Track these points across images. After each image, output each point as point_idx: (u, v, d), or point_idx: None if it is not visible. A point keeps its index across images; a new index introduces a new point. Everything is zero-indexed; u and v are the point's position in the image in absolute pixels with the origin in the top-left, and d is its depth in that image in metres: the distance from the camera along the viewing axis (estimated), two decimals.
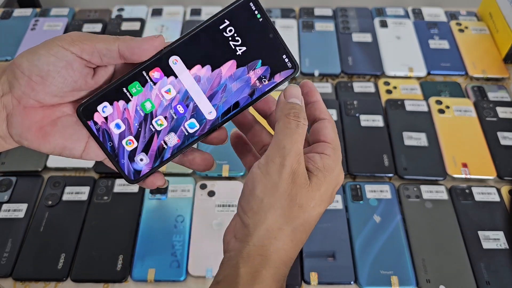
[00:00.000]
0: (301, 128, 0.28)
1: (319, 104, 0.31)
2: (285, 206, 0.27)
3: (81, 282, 0.50)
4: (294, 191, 0.27)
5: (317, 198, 0.27)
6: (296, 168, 0.27)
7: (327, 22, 0.79)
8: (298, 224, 0.27)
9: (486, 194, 0.57)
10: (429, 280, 0.50)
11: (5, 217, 0.55)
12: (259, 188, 0.27)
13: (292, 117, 0.28)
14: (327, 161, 0.28)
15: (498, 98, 0.68)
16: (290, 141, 0.27)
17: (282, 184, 0.27)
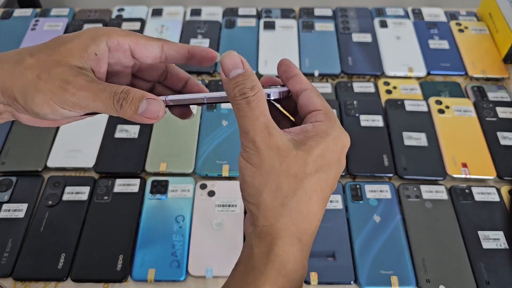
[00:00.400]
0: (253, 101, 0.26)
1: (299, 77, 0.30)
2: (278, 182, 0.26)
3: (81, 282, 0.50)
4: (284, 164, 0.26)
5: (311, 164, 0.26)
6: (273, 142, 0.26)
7: (327, 22, 0.79)
8: (302, 194, 0.26)
9: (486, 194, 0.57)
10: (429, 280, 0.50)
11: (5, 217, 0.55)
12: (247, 174, 0.27)
13: (239, 97, 0.26)
14: (319, 127, 0.27)
15: (498, 98, 0.68)
16: (249, 122, 0.26)
17: (264, 163, 0.26)
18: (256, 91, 0.26)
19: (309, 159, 0.26)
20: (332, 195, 0.56)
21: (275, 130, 0.26)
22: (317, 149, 0.27)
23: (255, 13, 0.81)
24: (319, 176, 0.27)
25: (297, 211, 0.26)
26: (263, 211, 0.26)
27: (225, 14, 0.81)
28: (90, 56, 0.27)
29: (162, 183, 0.57)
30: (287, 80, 0.30)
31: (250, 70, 0.27)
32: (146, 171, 0.59)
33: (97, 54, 0.28)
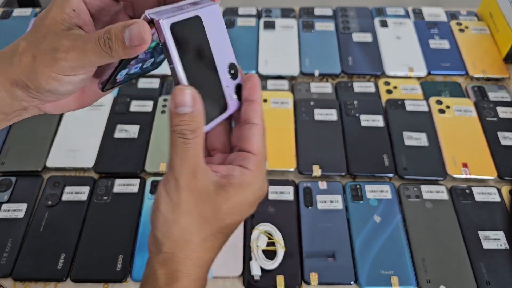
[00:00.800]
0: (190, 144, 0.26)
1: (255, 105, 0.29)
2: (188, 221, 0.27)
3: (81, 282, 0.50)
4: (199, 207, 0.27)
5: (225, 212, 0.28)
6: (195, 186, 0.27)
7: (327, 22, 0.78)
8: (207, 235, 0.28)
9: (486, 194, 0.57)
10: (429, 280, 0.50)
11: (5, 217, 0.54)
12: (162, 205, 0.28)
13: (178, 134, 0.26)
14: (246, 178, 0.28)
15: (498, 98, 0.68)
16: (179, 161, 0.26)
17: (181, 203, 0.27)
18: (196, 135, 0.26)
19: (224, 207, 0.28)
20: (332, 195, 0.56)
21: (200, 174, 0.27)
22: (236, 198, 0.28)
23: (255, 13, 0.81)
24: (229, 221, 0.29)
25: (200, 248, 0.28)
26: (168, 241, 0.28)
27: (225, 13, 0.81)
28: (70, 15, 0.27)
29: None
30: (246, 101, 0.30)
31: (199, 111, 0.26)
32: (146, 171, 0.59)
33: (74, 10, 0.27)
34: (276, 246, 0.51)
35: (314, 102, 0.66)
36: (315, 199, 0.56)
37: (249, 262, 0.50)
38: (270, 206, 0.55)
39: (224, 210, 0.28)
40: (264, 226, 0.53)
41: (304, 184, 0.57)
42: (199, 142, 0.27)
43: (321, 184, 0.57)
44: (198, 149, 0.27)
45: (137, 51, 0.25)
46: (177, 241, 0.28)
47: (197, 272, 0.29)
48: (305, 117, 0.64)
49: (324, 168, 0.59)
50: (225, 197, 0.27)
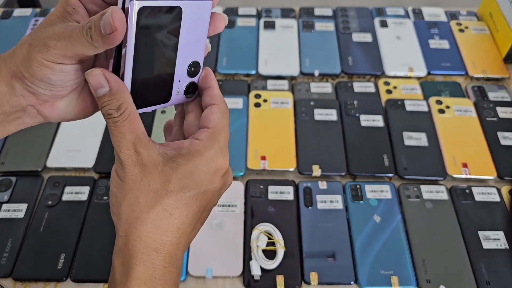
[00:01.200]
0: (119, 121, 0.26)
1: (212, 90, 0.30)
2: (136, 195, 0.27)
3: (81, 282, 0.50)
4: (146, 179, 0.27)
5: (174, 182, 0.27)
6: (138, 159, 0.27)
7: (327, 22, 0.79)
8: (159, 209, 0.27)
9: (486, 194, 0.57)
10: (429, 280, 0.50)
11: (5, 217, 0.54)
12: (113, 185, 0.28)
13: (106, 116, 0.27)
14: (195, 147, 0.27)
15: (498, 98, 0.68)
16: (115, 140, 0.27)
17: (127, 178, 0.27)
18: (122, 110, 0.26)
19: (173, 177, 0.27)
20: (332, 195, 0.56)
21: (142, 148, 0.27)
22: (185, 167, 0.27)
23: (255, 13, 0.81)
24: (183, 194, 0.27)
25: (153, 225, 0.27)
26: (121, 222, 0.27)
27: (225, 13, 0.81)
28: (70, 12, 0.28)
29: None
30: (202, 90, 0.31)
31: (117, 87, 0.26)
32: None
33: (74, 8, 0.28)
34: (276, 246, 0.52)
35: (314, 102, 0.66)
36: (315, 199, 0.56)
37: (249, 262, 0.50)
38: (270, 206, 0.55)
39: (174, 180, 0.27)
40: (264, 226, 0.53)
41: (304, 184, 0.57)
42: (129, 116, 0.27)
43: (321, 184, 0.57)
44: (131, 125, 0.27)
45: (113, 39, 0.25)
46: (129, 219, 0.27)
47: (154, 258, 0.27)
48: (305, 117, 0.64)
49: (324, 168, 0.59)
50: (173, 167, 0.27)
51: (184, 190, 0.27)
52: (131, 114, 0.27)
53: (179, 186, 0.27)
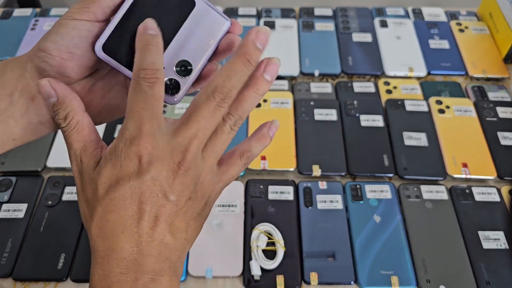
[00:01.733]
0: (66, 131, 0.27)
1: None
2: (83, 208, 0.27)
3: (81, 282, 0.50)
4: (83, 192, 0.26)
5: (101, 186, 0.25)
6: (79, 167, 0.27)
7: (327, 22, 0.79)
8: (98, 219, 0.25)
9: (486, 194, 0.57)
10: (429, 280, 0.50)
11: (5, 217, 0.54)
12: None
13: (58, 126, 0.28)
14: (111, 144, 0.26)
15: (498, 98, 0.68)
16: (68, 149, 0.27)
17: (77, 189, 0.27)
18: (69, 120, 0.27)
19: (99, 182, 0.25)
20: (332, 195, 0.56)
21: (85, 157, 0.26)
22: (105, 168, 0.25)
23: (255, 13, 0.81)
24: (111, 195, 0.25)
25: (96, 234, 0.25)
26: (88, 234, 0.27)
27: (225, 13, 0.81)
28: None
29: None
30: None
31: (63, 96, 0.27)
32: None
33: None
34: (276, 246, 0.52)
35: (314, 102, 0.66)
36: (315, 199, 0.56)
37: (249, 262, 0.50)
38: (270, 206, 0.55)
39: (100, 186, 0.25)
40: (264, 226, 0.53)
41: (304, 184, 0.57)
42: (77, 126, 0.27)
43: (321, 184, 0.57)
44: (78, 134, 0.27)
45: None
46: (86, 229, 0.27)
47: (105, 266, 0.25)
48: (305, 117, 0.64)
49: (324, 168, 0.59)
50: (97, 171, 0.26)
51: (109, 192, 0.25)
52: (79, 123, 0.27)
53: (104, 190, 0.25)
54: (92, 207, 0.26)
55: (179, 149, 0.25)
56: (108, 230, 0.25)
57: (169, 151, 0.25)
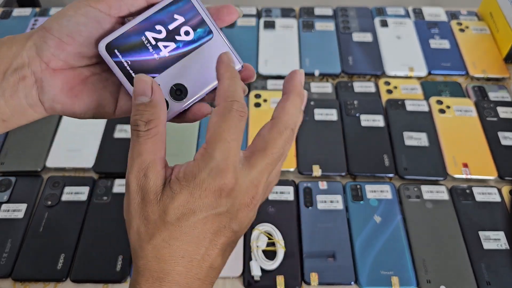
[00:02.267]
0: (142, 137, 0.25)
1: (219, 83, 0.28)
2: (139, 225, 0.26)
3: (80, 282, 0.50)
4: (145, 209, 0.25)
5: (172, 212, 0.25)
6: (143, 184, 0.25)
7: (327, 22, 0.78)
8: (159, 241, 0.25)
9: (486, 194, 0.56)
10: (430, 280, 0.50)
11: (5, 217, 0.54)
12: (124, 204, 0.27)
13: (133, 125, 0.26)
14: (188, 169, 0.25)
15: (498, 98, 0.68)
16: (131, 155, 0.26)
17: (131, 204, 0.26)
18: (151, 127, 0.25)
19: (170, 207, 0.25)
20: (332, 195, 0.56)
21: (152, 173, 0.25)
22: (180, 195, 0.25)
23: (255, 13, 0.81)
24: (182, 224, 0.25)
25: (153, 256, 0.25)
26: (132, 249, 0.27)
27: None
28: None
29: None
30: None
31: (158, 100, 0.26)
32: None
33: None
34: (276, 246, 0.51)
35: (314, 102, 0.66)
36: (315, 199, 0.56)
37: (249, 262, 0.50)
38: (270, 206, 0.55)
39: (171, 211, 0.25)
40: (264, 226, 0.53)
41: (304, 184, 0.57)
42: (154, 136, 0.25)
43: (321, 184, 0.57)
44: (153, 145, 0.25)
45: None
46: (135, 248, 0.26)
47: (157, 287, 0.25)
48: (305, 117, 0.64)
49: (324, 168, 0.59)
50: (169, 196, 0.25)
51: (181, 220, 0.25)
52: (158, 135, 0.26)
53: (175, 217, 0.25)
54: (154, 228, 0.25)
55: (254, 183, 0.26)
56: (167, 254, 0.25)
57: (245, 186, 0.26)
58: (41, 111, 0.29)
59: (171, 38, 0.29)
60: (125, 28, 0.28)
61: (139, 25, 0.28)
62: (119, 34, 0.28)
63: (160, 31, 0.28)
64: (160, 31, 0.28)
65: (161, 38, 0.29)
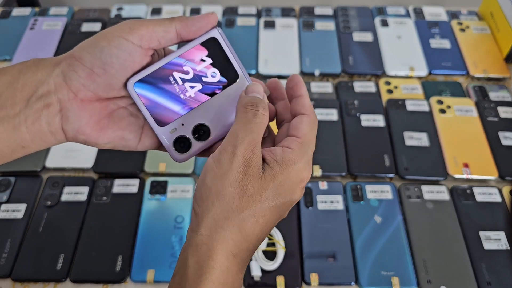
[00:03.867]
0: (259, 117, 0.28)
1: (302, 98, 0.30)
2: (233, 195, 0.26)
3: (80, 282, 0.50)
4: (245, 181, 0.26)
5: (271, 190, 0.27)
6: (249, 158, 0.27)
7: (327, 22, 0.78)
8: (248, 215, 0.26)
9: (487, 195, 0.56)
10: (430, 280, 0.49)
11: (4, 217, 0.54)
12: (209, 177, 0.27)
13: (250, 107, 0.28)
14: (288, 155, 0.27)
15: (499, 98, 0.68)
16: (244, 130, 0.27)
17: (232, 173, 0.26)
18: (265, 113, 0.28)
19: (271, 185, 0.27)
20: (333, 196, 0.56)
21: (259, 151, 0.27)
22: (281, 175, 0.27)
23: (255, 12, 0.80)
24: (273, 202, 0.27)
25: (238, 229, 0.26)
26: (208, 219, 0.26)
27: (225, 13, 0.80)
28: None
29: (162, 183, 0.57)
30: (292, 98, 0.31)
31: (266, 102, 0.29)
32: (145, 171, 0.59)
33: None
34: (276, 246, 0.51)
35: (315, 102, 0.66)
36: (316, 199, 0.56)
37: (249, 262, 0.50)
38: None
39: (271, 189, 0.27)
40: None
41: None
42: (266, 122, 0.28)
43: (322, 184, 0.57)
44: (264, 126, 0.28)
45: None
46: (216, 218, 0.26)
47: (231, 263, 0.26)
48: None
49: (324, 168, 0.58)
50: (271, 174, 0.27)
51: (276, 199, 0.27)
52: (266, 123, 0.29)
53: (272, 195, 0.27)
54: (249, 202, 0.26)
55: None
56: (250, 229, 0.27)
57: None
58: (61, 138, 0.29)
59: (198, 79, 0.29)
60: (154, 67, 0.29)
61: (168, 65, 0.29)
62: (148, 73, 0.28)
63: (187, 72, 0.29)
64: (188, 72, 0.29)
65: (188, 79, 0.29)
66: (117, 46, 0.27)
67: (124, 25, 0.27)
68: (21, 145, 0.27)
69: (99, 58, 0.27)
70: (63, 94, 0.27)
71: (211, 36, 0.29)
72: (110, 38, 0.27)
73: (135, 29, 0.27)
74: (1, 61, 0.74)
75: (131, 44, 0.27)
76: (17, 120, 0.27)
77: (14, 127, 0.27)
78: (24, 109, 0.27)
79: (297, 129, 0.29)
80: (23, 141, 0.27)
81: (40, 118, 0.27)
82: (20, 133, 0.27)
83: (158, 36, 0.28)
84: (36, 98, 0.27)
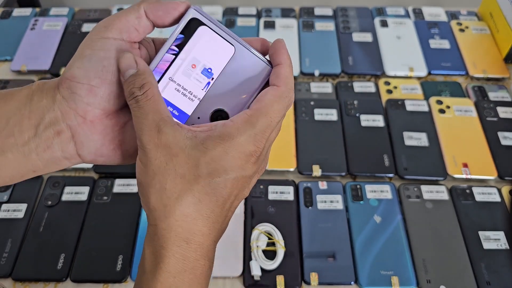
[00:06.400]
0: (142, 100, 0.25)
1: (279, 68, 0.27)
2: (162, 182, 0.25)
3: (80, 282, 0.50)
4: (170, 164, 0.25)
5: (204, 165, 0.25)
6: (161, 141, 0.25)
7: (327, 22, 0.78)
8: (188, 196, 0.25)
9: (486, 194, 0.57)
10: (430, 280, 0.50)
11: (5, 217, 0.54)
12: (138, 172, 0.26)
13: (129, 97, 0.26)
14: (226, 129, 0.25)
15: (498, 98, 0.68)
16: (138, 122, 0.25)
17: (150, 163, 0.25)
18: (146, 89, 0.25)
19: (201, 161, 0.25)
20: (332, 195, 0.56)
21: (167, 128, 0.25)
22: (213, 151, 0.25)
23: (255, 13, 0.81)
24: (211, 179, 0.25)
25: (181, 213, 0.25)
26: (150, 210, 0.26)
27: (225, 13, 0.81)
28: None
29: None
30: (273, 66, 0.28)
31: (144, 68, 0.26)
32: None
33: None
34: (276, 246, 0.51)
35: (314, 102, 0.66)
36: (315, 199, 0.56)
37: (249, 262, 0.50)
38: (270, 206, 0.55)
39: (202, 164, 0.25)
40: (264, 226, 0.53)
41: (304, 184, 0.57)
42: (153, 96, 0.25)
43: (321, 184, 0.57)
44: (154, 105, 0.25)
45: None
46: (157, 207, 0.25)
47: (184, 249, 0.25)
48: (305, 117, 0.64)
49: (324, 168, 0.59)
50: (201, 150, 0.25)
51: (212, 175, 0.25)
52: (155, 96, 0.26)
53: (207, 171, 0.25)
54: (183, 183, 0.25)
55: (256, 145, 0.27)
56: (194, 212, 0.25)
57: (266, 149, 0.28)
58: (77, 161, 0.28)
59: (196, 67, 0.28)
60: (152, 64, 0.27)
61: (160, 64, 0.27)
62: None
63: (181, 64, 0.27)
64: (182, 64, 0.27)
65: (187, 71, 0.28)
66: (101, 48, 0.26)
67: (99, 26, 0.27)
68: (31, 170, 0.27)
69: (90, 69, 0.26)
70: (71, 120, 0.26)
71: (191, 18, 0.27)
72: (92, 44, 0.26)
73: (110, 25, 0.26)
74: (1, 61, 0.74)
75: (113, 40, 0.26)
76: (27, 148, 0.26)
77: (24, 155, 0.26)
78: (33, 137, 0.26)
79: (258, 101, 0.26)
80: (34, 167, 0.27)
81: (52, 146, 0.26)
82: (31, 160, 0.26)
83: (134, 24, 0.27)
84: (44, 126, 0.26)
